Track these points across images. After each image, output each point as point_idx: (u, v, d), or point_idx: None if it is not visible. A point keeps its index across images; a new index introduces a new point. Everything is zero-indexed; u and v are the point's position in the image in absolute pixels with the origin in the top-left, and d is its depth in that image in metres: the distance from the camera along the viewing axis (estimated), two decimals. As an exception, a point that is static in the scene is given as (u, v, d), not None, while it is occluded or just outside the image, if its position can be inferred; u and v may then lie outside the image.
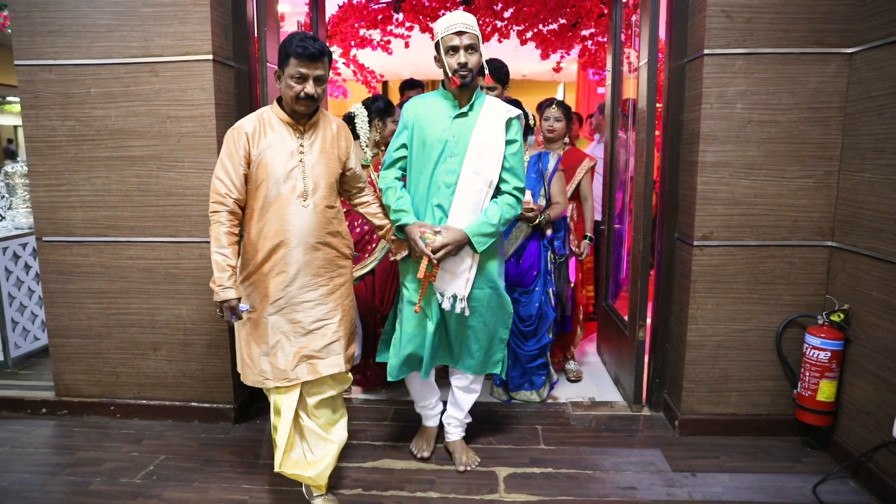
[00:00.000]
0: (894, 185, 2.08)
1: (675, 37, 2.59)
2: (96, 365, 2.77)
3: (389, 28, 5.07)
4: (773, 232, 2.46)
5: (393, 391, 3.01)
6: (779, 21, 2.33)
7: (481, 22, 4.69)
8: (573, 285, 3.18)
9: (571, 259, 3.04)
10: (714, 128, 2.40)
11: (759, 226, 2.46)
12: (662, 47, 2.77)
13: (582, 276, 3.50)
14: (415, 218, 2.14)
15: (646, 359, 2.84)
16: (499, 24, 4.70)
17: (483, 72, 2.16)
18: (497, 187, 2.15)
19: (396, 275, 2.81)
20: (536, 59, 5.56)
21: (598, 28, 4.69)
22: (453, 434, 2.43)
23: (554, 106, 3.13)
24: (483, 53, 2.12)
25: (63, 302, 2.73)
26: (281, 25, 2.98)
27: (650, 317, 2.87)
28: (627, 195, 3.27)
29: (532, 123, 2.91)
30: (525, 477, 2.30)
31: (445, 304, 2.15)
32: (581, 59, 5.18)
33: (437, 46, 2.10)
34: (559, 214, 2.86)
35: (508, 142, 2.13)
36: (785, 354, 2.51)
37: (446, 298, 2.15)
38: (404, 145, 2.20)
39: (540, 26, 4.74)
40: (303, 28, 4.54)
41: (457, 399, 2.40)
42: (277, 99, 2.02)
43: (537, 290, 2.84)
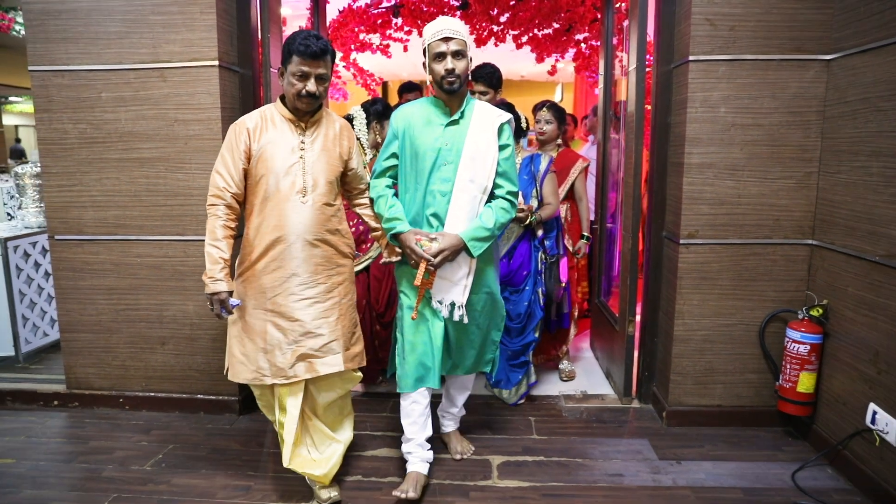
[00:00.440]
0: (867, 186, 2.19)
1: (663, 43, 2.69)
2: (106, 359, 2.87)
3: (388, 32, 5.15)
4: (756, 230, 2.56)
5: (391, 384, 3.11)
6: (760, 29, 2.43)
7: (478, 26, 4.78)
8: (564, 285, 3.21)
9: (563, 259, 3.10)
10: (699, 131, 2.50)
11: (743, 224, 2.56)
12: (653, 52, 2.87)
13: (577, 275, 3.59)
14: (409, 225, 2.12)
15: (635, 353, 2.94)
16: (495, 29, 4.80)
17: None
18: (491, 192, 2.15)
19: (391, 273, 2.89)
20: (534, 61, 5.66)
21: (592, 32, 4.79)
22: (448, 426, 2.51)
23: (545, 109, 3.18)
24: (472, 59, 2.09)
25: (74, 298, 2.84)
26: (283, 30, 3.08)
27: (639, 313, 2.96)
28: (620, 195, 3.36)
29: (525, 126, 2.96)
30: (518, 464, 2.40)
31: (444, 312, 2.14)
32: (575, 63, 5.29)
33: (425, 53, 2.09)
34: (550, 215, 2.90)
35: (501, 147, 2.13)
36: (768, 348, 2.61)
37: (444, 306, 2.14)
38: (395, 154, 2.18)
39: (535, 31, 4.86)
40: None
41: (450, 395, 2.46)
42: (281, 96, 2.03)
43: (527, 290, 2.87)
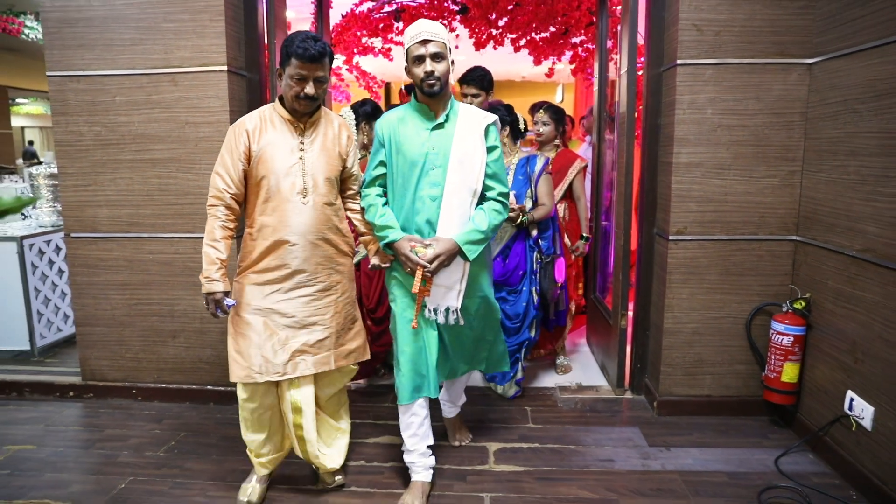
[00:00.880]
0: (845, 184, 2.29)
1: (653, 48, 2.80)
2: (119, 351, 3.00)
3: (390, 36, 5.24)
4: (742, 227, 2.66)
5: (389, 376, 3.20)
6: (745, 34, 2.54)
7: (477, 30, 4.89)
8: (560, 284, 3.23)
9: (560, 259, 3.16)
10: (687, 131, 2.61)
11: (730, 221, 2.66)
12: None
13: (575, 272, 3.68)
14: (402, 233, 2.09)
15: (628, 346, 3.05)
16: (494, 32, 4.91)
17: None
18: (482, 194, 2.12)
19: (382, 270, 2.96)
20: (533, 63, 5.76)
21: (588, 36, 4.89)
22: (449, 412, 2.60)
23: (542, 110, 3.28)
24: (454, 61, 2.09)
25: (89, 293, 2.96)
26: (287, 34, 3.19)
27: (632, 307, 3.07)
28: (614, 194, 3.45)
29: (524, 127, 3.02)
30: (513, 451, 2.51)
31: (440, 319, 2.12)
32: (572, 65, 5.40)
33: (406, 57, 2.08)
34: (543, 216, 2.92)
35: (489, 148, 2.10)
36: (754, 340, 2.72)
37: (440, 313, 2.12)
38: (382, 162, 2.14)
39: (532, 34, 4.97)
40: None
41: (450, 393, 2.53)
42: (279, 97, 2.04)
43: (524, 290, 2.93)
